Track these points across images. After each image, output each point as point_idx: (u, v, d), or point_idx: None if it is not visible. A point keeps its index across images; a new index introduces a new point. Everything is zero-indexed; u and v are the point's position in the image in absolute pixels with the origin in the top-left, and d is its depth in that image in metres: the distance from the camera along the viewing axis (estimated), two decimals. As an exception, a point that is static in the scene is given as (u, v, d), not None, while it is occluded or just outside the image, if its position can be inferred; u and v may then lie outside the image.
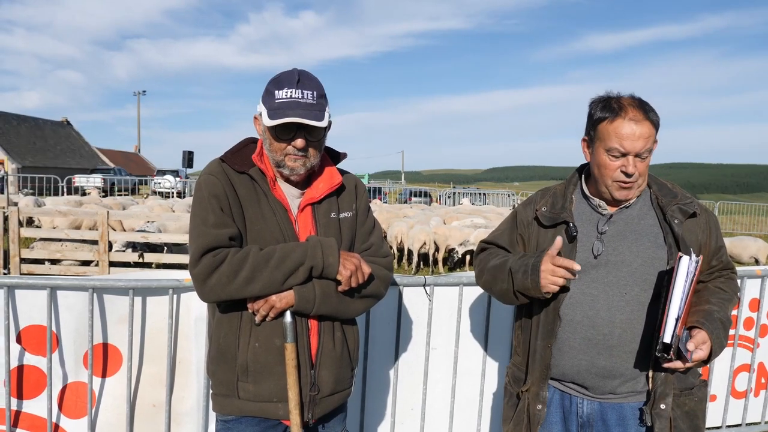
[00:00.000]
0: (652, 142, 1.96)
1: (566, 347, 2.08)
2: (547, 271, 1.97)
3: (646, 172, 2.03)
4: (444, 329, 3.37)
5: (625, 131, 1.93)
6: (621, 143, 1.94)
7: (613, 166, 1.99)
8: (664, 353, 1.84)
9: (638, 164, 1.96)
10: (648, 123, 1.93)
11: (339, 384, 2.10)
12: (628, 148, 1.94)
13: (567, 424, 2.15)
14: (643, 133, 1.93)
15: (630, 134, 1.93)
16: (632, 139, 1.93)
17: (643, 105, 1.98)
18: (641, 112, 1.94)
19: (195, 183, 2.07)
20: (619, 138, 1.94)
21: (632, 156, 1.95)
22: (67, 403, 2.93)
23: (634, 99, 2.00)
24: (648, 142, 1.94)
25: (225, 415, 2.05)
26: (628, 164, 1.96)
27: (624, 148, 1.94)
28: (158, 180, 31.27)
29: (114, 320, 2.93)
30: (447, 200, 26.67)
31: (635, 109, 1.95)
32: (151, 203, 16.24)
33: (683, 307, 1.84)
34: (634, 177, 1.98)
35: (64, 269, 8.67)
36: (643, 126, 1.93)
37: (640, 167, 1.97)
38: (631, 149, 1.94)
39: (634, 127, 1.93)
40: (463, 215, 14.61)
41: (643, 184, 2.06)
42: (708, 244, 2.11)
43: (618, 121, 1.95)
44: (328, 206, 2.08)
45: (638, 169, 1.97)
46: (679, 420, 2.02)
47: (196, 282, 1.89)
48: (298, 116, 1.87)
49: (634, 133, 1.92)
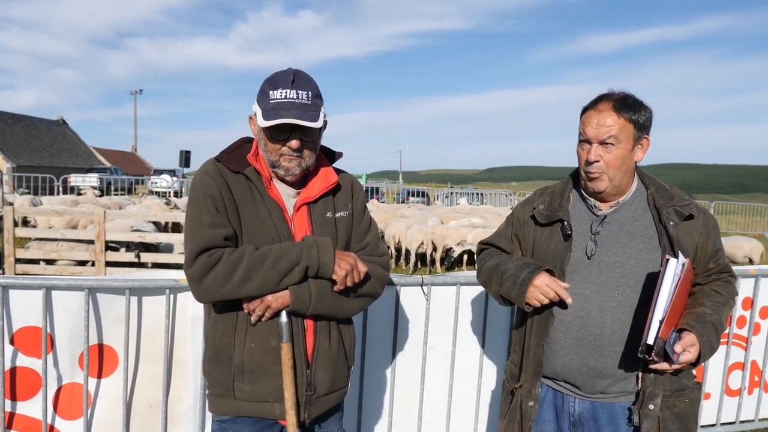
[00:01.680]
0: (620, 132, 1.99)
1: (558, 346, 2.10)
2: (540, 286, 2.02)
3: (618, 165, 2.02)
4: (441, 329, 3.38)
5: (589, 119, 2.03)
6: (584, 129, 2.04)
7: (581, 154, 2.07)
8: (646, 354, 1.86)
9: (604, 154, 2.01)
10: (613, 114, 1.99)
11: (335, 383, 2.10)
12: (589, 135, 2.02)
13: (559, 422, 2.18)
14: (606, 122, 1.99)
15: (592, 122, 2.01)
16: (593, 126, 2.00)
17: (620, 100, 2.02)
18: (610, 104, 2.01)
19: (191, 182, 2.07)
20: (583, 125, 2.04)
21: (595, 143, 2.01)
22: (62, 405, 2.92)
23: (615, 95, 2.05)
24: (611, 130, 1.98)
25: (221, 416, 2.05)
26: (590, 151, 2.02)
27: (586, 134, 2.03)
28: (155, 179, 31.17)
29: (110, 321, 2.92)
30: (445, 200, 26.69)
31: (606, 101, 2.02)
32: (149, 203, 16.21)
33: (668, 309, 1.85)
34: (599, 167, 2.02)
35: (60, 269, 8.64)
36: (607, 116, 1.99)
37: (608, 158, 2.01)
38: (593, 136, 2.00)
39: (598, 116, 2.00)
40: (460, 215, 14.63)
41: (617, 178, 2.05)
42: (705, 247, 2.11)
43: (587, 112, 2.05)
44: (324, 206, 2.08)
45: (604, 160, 2.01)
46: (668, 421, 2.03)
47: (191, 282, 1.89)
48: (292, 117, 1.86)
49: (597, 121, 2.00)
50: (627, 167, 2.05)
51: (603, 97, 2.05)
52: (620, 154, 2.01)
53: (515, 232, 2.30)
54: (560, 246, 2.11)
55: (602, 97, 2.06)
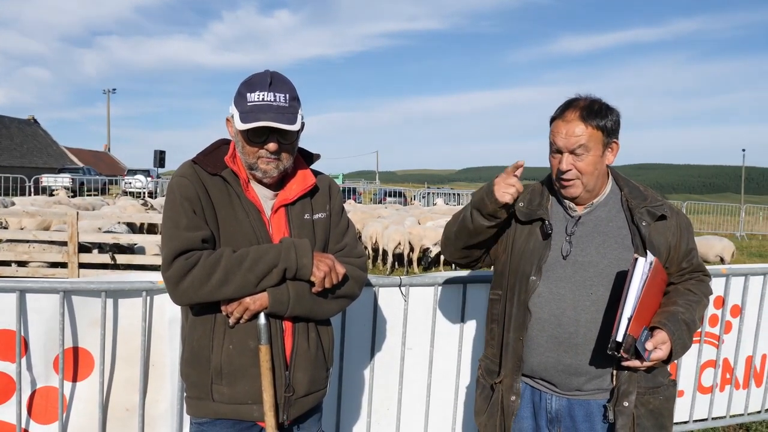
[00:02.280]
0: (589, 141, 2.03)
1: (534, 344, 2.13)
2: (500, 182, 2.09)
3: (591, 171, 2.07)
4: (419, 329, 3.40)
5: (558, 130, 2.06)
6: (554, 140, 2.08)
7: (554, 163, 2.12)
8: (615, 351, 1.90)
9: (576, 163, 2.05)
10: (581, 124, 2.03)
11: (314, 385, 2.10)
12: (560, 145, 2.06)
13: (537, 419, 2.21)
14: (575, 131, 2.03)
15: (561, 132, 2.05)
16: (563, 136, 2.04)
17: (587, 108, 2.05)
18: (577, 113, 2.04)
19: (167, 185, 2.06)
20: (553, 135, 2.08)
21: (566, 153, 2.05)
22: (36, 409, 2.87)
23: (581, 101, 2.08)
24: (580, 140, 2.02)
25: (199, 418, 2.04)
26: (562, 161, 2.06)
27: (557, 144, 2.07)
28: (129, 180, 30.76)
29: (85, 324, 2.89)
30: (421, 200, 26.75)
31: (573, 110, 2.05)
32: (123, 203, 15.99)
33: (636, 306, 1.90)
34: (572, 174, 2.06)
35: (32, 271, 8.49)
36: (575, 126, 2.03)
37: (580, 166, 2.05)
38: (563, 146, 2.05)
39: (566, 126, 2.04)
40: (437, 215, 14.69)
41: (591, 183, 2.09)
42: (678, 247, 2.15)
43: (555, 122, 2.09)
44: (302, 207, 2.08)
45: (577, 168, 2.05)
46: (643, 418, 2.07)
47: (168, 285, 1.88)
48: (270, 120, 1.86)
49: (566, 131, 2.04)
50: (599, 172, 2.10)
51: (569, 105, 2.08)
52: (591, 161, 2.05)
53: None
54: (539, 244, 2.15)
55: (569, 104, 2.08)
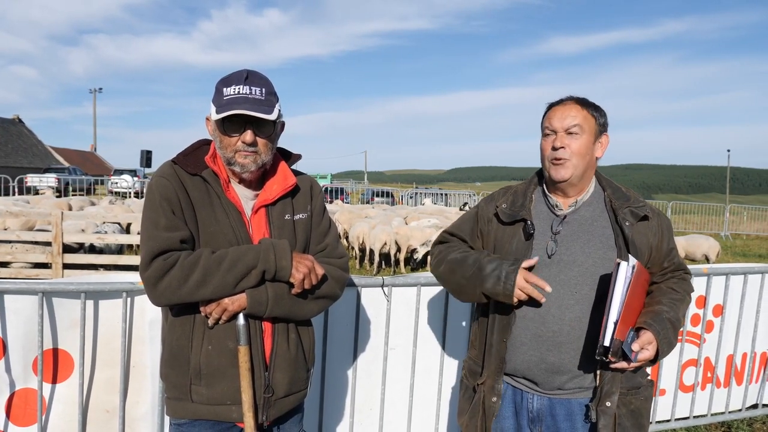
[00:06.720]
0: (583, 122, 2.10)
1: (518, 343, 2.14)
2: (518, 284, 2.04)
3: (583, 153, 2.11)
4: (402, 329, 3.40)
5: (554, 113, 2.14)
6: (549, 122, 2.14)
7: (545, 145, 2.16)
8: (603, 356, 1.92)
9: (570, 141, 2.10)
10: (576, 106, 2.13)
11: (294, 385, 2.10)
12: (555, 126, 2.12)
13: (519, 418, 2.22)
14: (570, 112, 2.11)
15: (557, 114, 2.13)
16: (559, 118, 2.11)
17: (582, 99, 2.16)
18: (573, 100, 2.15)
19: (146, 185, 2.05)
20: (548, 119, 2.15)
21: (561, 132, 2.11)
22: (15, 411, 2.84)
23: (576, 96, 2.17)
24: (576, 119, 2.10)
25: (178, 419, 2.03)
26: (556, 139, 2.12)
27: (552, 125, 2.13)
28: (115, 180, 30.54)
29: (65, 325, 2.86)
30: (409, 200, 26.78)
31: (569, 99, 2.16)
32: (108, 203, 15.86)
33: (621, 310, 1.92)
34: (565, 153, 2.10)
35: (15, 272, 8.40)
36: (570, 108, 2.12)
37: (573, 145, 2.10)
38: (559, 126, 2.11)
39: (563, 109, 2.13)
40: (425, 215, 14.70)
41: (581, 167, 2.12)
42: (659, 247, 2.19)
43: (551, 108, 2.17)
44: (283, 208, 2.07)
45: (570, 147, 2.10)
46: (623, 418, 2.09)
47: (147, 285, 1.87)
48: (245, 109, 1.86)
49: (562, 113, 2.12)
50: (589, 159, 2.14)
51: (565, 97, 2.18)
52: (585, 143, 2.11)
53: (480, 228, 2.33)
54: (522, 245, 2.16)
55: (564, 97, 2.19)
